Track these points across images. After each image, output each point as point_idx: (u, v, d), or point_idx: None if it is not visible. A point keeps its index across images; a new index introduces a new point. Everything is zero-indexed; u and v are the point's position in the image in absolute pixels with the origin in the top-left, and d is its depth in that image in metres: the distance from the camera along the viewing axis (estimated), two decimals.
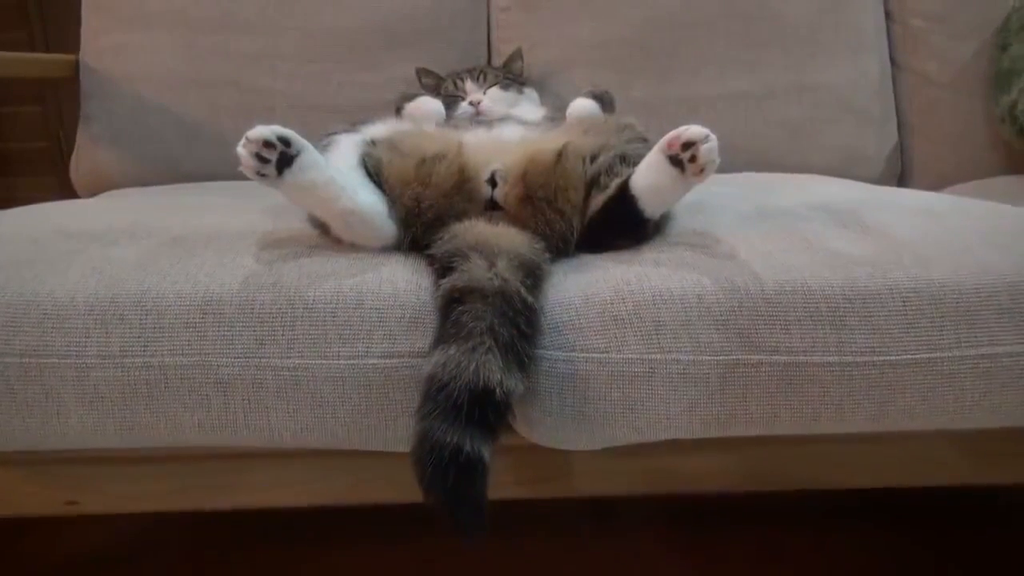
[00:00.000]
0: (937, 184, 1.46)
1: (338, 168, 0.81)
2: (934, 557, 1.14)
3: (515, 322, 0.72)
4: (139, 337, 0.74)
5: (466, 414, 0.68)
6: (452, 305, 0.73)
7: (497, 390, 0.68)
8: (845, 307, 0.75)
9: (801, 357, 0.75)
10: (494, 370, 0.69)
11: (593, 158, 0.86)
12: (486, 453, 0.68)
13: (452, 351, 0.70)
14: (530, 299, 0.74)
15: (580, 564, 1.14)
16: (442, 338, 0.72)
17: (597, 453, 0.82)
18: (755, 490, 0.92)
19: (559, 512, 1.22)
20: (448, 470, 0.67)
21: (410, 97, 1.14)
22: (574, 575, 1.13)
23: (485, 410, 0.68)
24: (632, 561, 1.14)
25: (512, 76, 1.30)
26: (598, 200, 0.83)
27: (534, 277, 0.77)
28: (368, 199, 0.81)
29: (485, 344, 0.69)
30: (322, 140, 0.94)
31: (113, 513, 0.92)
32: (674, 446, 0.82)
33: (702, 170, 0.76)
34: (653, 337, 0.75)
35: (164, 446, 0.80)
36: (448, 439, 0.67)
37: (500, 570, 1.13)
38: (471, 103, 1.18)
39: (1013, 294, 0.76)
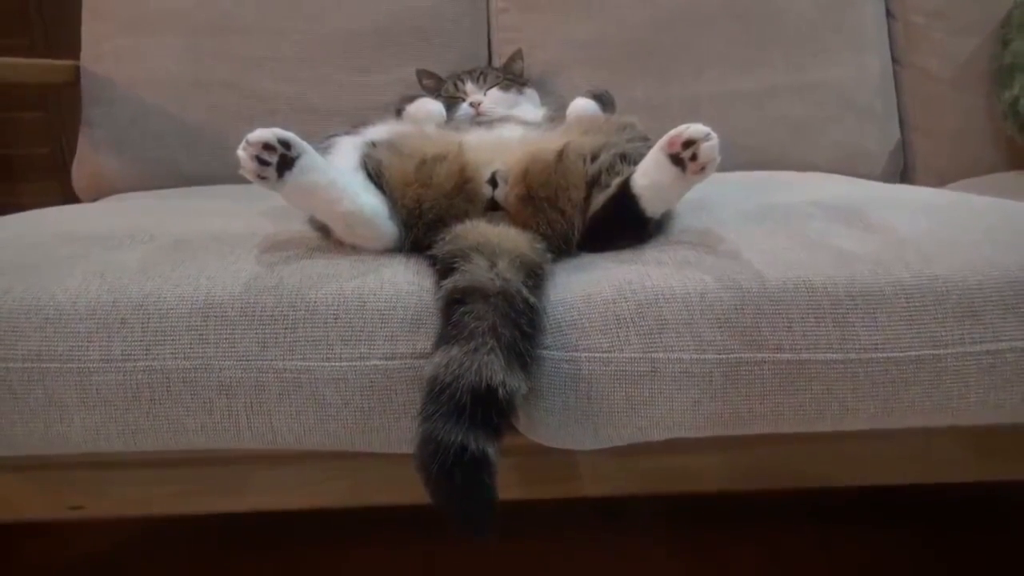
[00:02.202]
0: (939, 180, 1.46)
1: (339, 170, 0.81)
2: (938, 554, 1.14)
3: (517, 322, 0.72)
4: (141, 341, 0.74)
5: (469, 415, 0.67)
6: (453, 306, 0.72)
7: (500, 390, 0.68)
8: (848, 304, 0.75)
9: (804, 355, 0.75)
10: (496, 370, 0.68)
11: (594, 157, 0.86)
12: (492, 452, 0.68)
13: (454, 352, 0.70)
14: (532, 299, 0.74)
15: (583, 564, 1.14)
16: (444, 339, 0.71)
17: (600, 453, 0.82)
18: (759, 488, 0.92)
19: (562, 512, 1.22)
20: (454, 470, 0.67)
21: (410, 99, 1.15)
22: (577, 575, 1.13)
23: (488, 410, 0.68)
24: (635, 561, 1.14)
25: (512, 77, 1.30)
26: (599, 199, 0.83)
27: (536, 277, 0.77)
28: (369, 201, 0.81)
29: (487, 344, 0.69)
30: (323, 142, 0.94)
31: (117, 517, 0.92)
32: (677, 445, 0.82)
33: (703, 168, 0.75)
34: (656, 336, 0.74)
35: (167, 449, 0.80)
36: (452, 439, 0.67)
37: (503, 571, 1.12)
38: (471, 104, 1.18)
39: (1017, 290, 0.76)
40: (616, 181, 0.82)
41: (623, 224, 0.84)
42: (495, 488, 0.68)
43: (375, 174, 0.84)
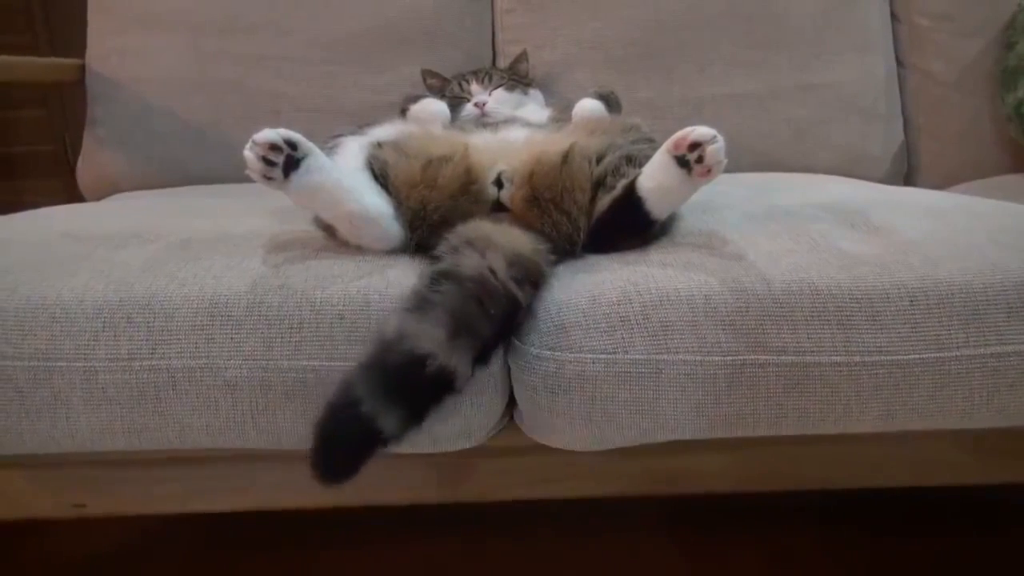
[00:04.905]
0: (943, 183, 1.46)
1: (344, 171, 0.81)
2: (942, 557, 1.14)
3: (483, 304, 0.72)
4: (147, 340, 0.74)
5: (390, 377, 0.69)
6: (427, 283, 0.74)
7: (428, 362, 0.68)
8: (852, 307, 0.75)
9: (808, 357, 0.75)
10: (435, 342, 0.69)
11: (599, 159, 0.86)
12: (384, 423, 0.68)
13: (406, 317, 0.71)
14: (516, 291, 0.74)
15: (585, 565, 1.14)
16: (403, 307, 0.72)
17: (603, 453, 0.82)
18: (762, 490, 0.92)
19: (564, 512, 1.22)
20: (336, 418, 0.69)
21: (415, 99, 1.15)
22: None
23: (410, 380, 0.69)
24: (637, 561, 1.14)
25: (517, 77, 1.30)
26: (604, 201, 0.83)
27: (528, 273, 0.77)
28: (374, 201, 0.81)
29: (436, 318, 0.70)
30: (328, 142, 0.94)
31: (120, 515, 0.92)
32: (680, 446, 0.82)
33: (709, 171, 0.75)
34: (660, 338, 0.75)
35: (172, 448, 0.80)
36: (356, 392, 0.68)
37: (505, 571, 1.13)
38: (476, 104, 1.18)
39: (1021, 293, 0.76)
40: (622, 183, 0.82)
41: (628, 226, 0.84)
42: (361, 455, 0.69)
43: (380, 175, 0.84)
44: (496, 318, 0.73)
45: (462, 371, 0.71)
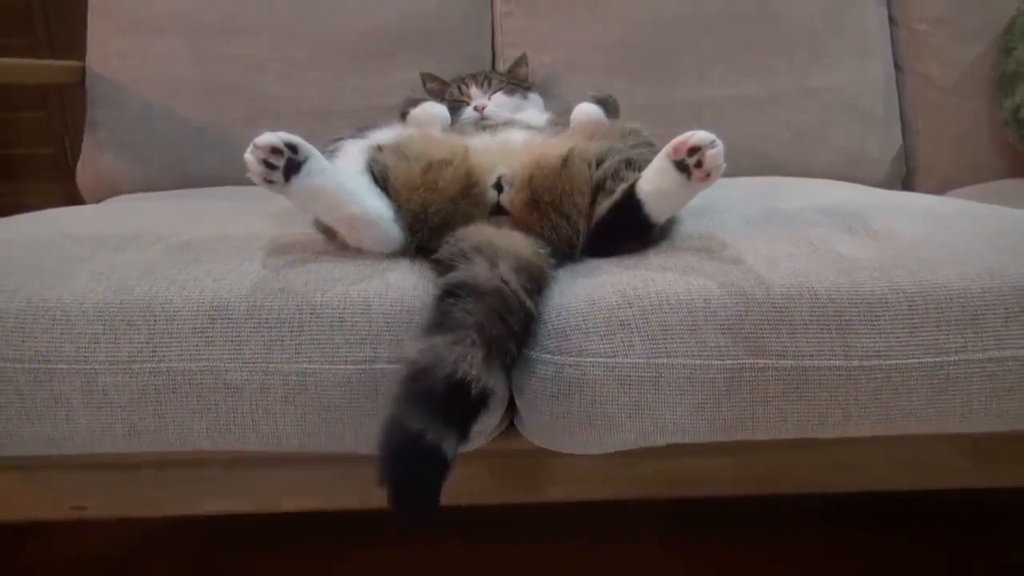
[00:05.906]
0: (941, 187, 1.46)
1: (345, 174, 0.82)
2: (940, 561, 1.14)
3: (506, 323, 0.72)
4: (147, 342, 0.74)
5: (439, 404, 0.68)
6: (446, 298, 0.73)
7: (473, 386, 0.68)
8: (851, 311, 0.75)
9: (807, 361, 0.75)
10: (475, 364, 0.69)
11: (599, 163, 0.86)
12: (447, 448, 0.68)
13: (436, 340, 0.70)
14: (528, 303, 0.74)
15: (585, 567, 1.14)
16: (429, 327, 0.72)
17: (603, 457, 0.82)
18: (761, 494, 0.92)
19: (564, 515, 1.22)
20: (404, 455, 0.67)
21: (415, 102, 1.15)
22: None
23: (457, 404, 0.69)
24: (637, 565, 1.14)
25: (517, 81, 1.30)
26: (604, 205, 0.84)
27: (535, 282, 0.77)
28: (375, 205, 0.81)
29: (470, 338, 0.69)
30: (328, 146, 0.94)
31: (121, 517, 0.92)
32: (680, 450, 0.82)
33: (708, 175, 0.76)
34: (659, 341, 0.75)
35: (172, 451, 0.80)
36: (414, 426, 0.67)
37: (506, 573, 1.13)
38: (475, 108, 1.19)
39: (1019, 297, 0.76)
40: (621, 187, 0.82)
41: (628, 230, 0.84)
42: (439, 484, 0.68)
43: (381, 178, 0.84)
44: (518, 334, 0.74)
45: (498, 389, 0.72)
